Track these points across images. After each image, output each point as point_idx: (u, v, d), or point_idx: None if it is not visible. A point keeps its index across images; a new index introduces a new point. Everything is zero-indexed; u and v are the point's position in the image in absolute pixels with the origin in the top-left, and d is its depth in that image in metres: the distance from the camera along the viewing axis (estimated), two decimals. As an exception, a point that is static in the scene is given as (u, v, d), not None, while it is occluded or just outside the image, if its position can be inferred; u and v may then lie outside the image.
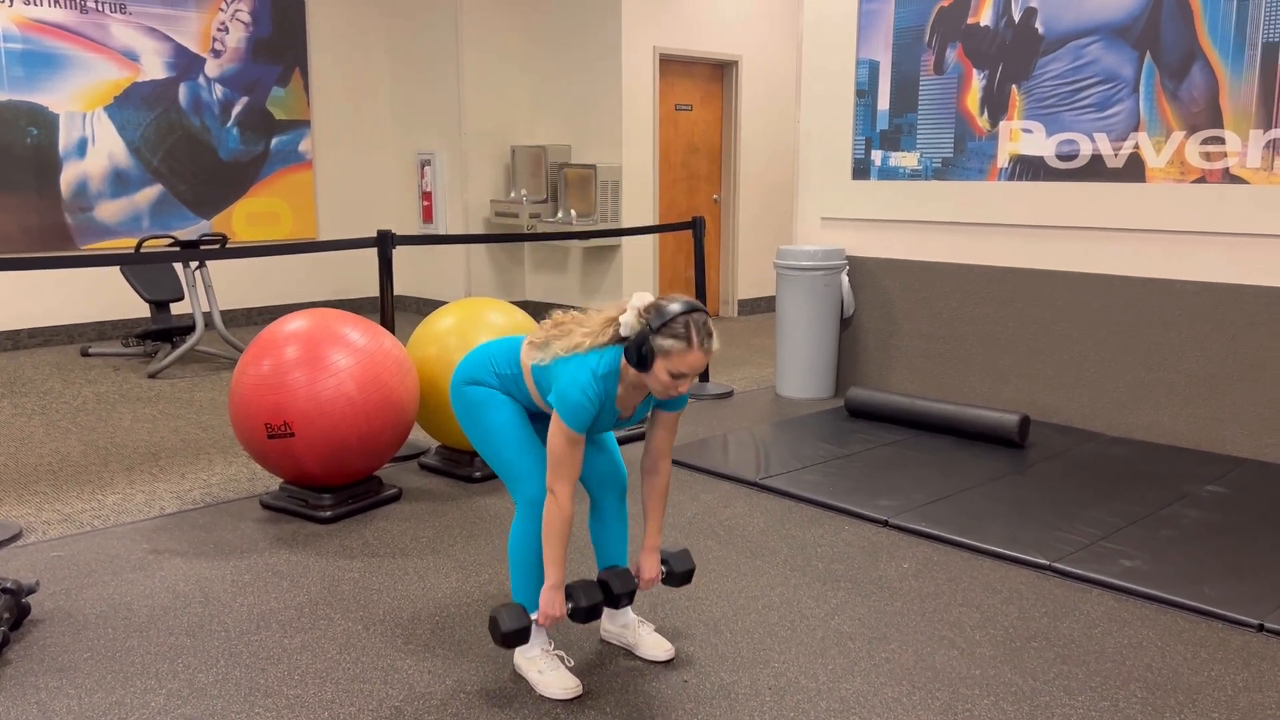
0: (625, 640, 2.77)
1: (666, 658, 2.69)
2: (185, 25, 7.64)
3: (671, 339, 2.28)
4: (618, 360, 2.38)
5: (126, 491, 4.09)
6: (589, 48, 7.83)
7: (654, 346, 2.28)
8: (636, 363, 2.32)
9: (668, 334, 2.28)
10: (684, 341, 2.28)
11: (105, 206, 7.42)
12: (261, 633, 2.85)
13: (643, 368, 2.31)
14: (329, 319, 3.81)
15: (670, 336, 2.28)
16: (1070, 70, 4.81)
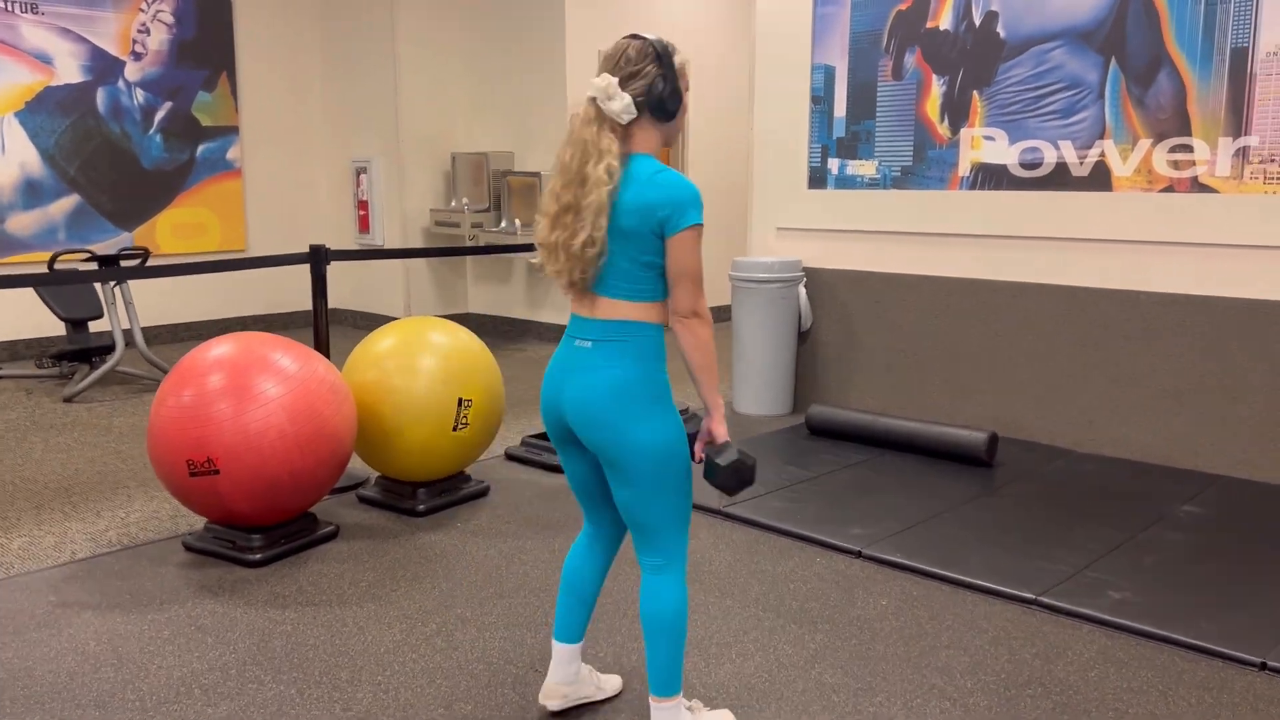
0: (583, 693, 2.53)
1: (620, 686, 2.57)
2: (102, 26, 7.22)
3: (678, 54, 2.21)
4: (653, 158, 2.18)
5: (34, 534, 3.74)
6: (530, 50, 7.56)
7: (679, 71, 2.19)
8: (673, 111, 2.18)
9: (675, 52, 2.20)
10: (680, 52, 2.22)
11: (17, 219, 6.97)
12: (181, 701, 2.55)
13: (676, 108, 2.18)
14: (256, 343, 3.51)
15: (677, 52, 2.21)
16: (1033, 76, 4.66)
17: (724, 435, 2.27)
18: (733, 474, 2.21)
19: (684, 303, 2.17)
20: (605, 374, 2.16)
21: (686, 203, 2.11)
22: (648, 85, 2.15)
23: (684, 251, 2.13)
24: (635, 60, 2.16)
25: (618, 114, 2.13)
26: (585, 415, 2.17)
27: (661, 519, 2.20)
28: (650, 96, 2.15)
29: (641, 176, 2.12)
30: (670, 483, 2.19)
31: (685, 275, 2.15)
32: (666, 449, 2.16)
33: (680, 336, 2.19)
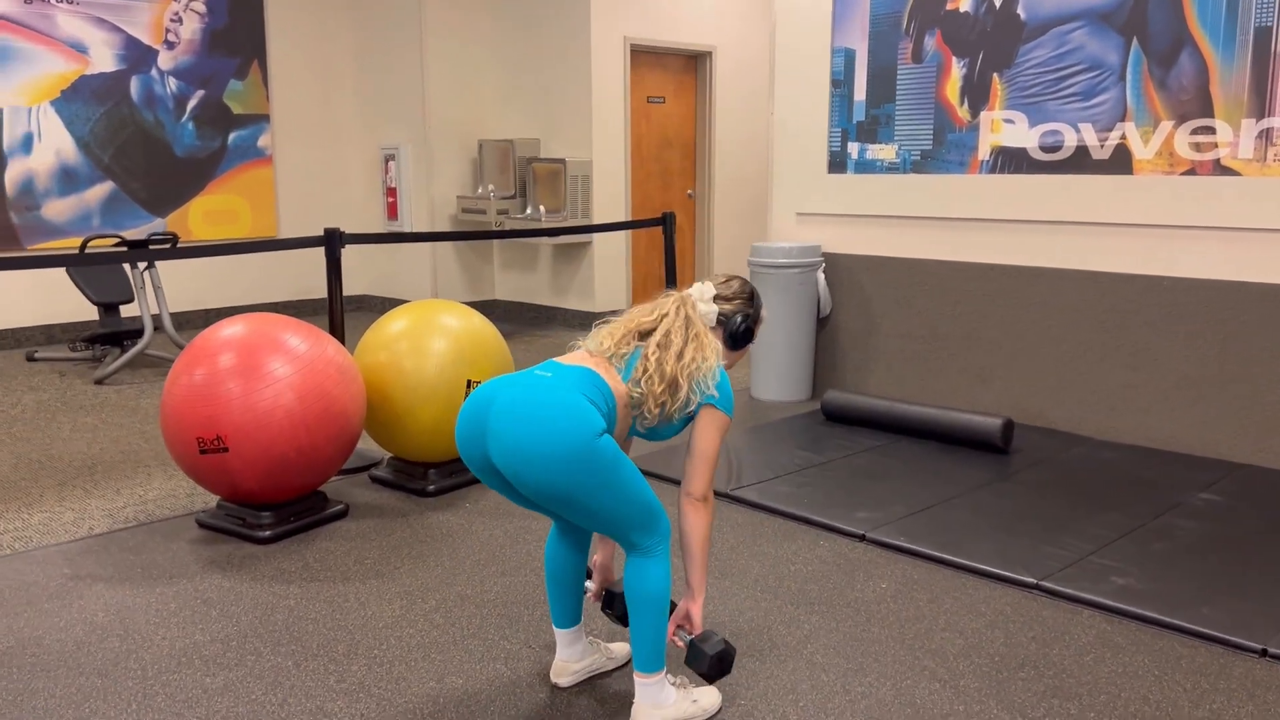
0: (594, 665, 2.56)
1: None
2: (136, 15, 7.34)
3: (763, 308, 2.52)
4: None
5: (55, 509, 3.83)
6: (557, 38, 7.58)
7: (759, 319, 2.48)
8: (742, 344, 2.46)
9: (761, 305, 2.50)
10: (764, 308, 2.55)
11: (53, 205, 7.12)
12: (182, 671, 2.60)
13: (743, 345, 2.47)
14: (268, 324, 3.56)
15: (762, 306, 2.51)
16: (1054, 58, 4.60)
17: (700, 620, 2.35)
18: (716, 663, 2.29)
19: (699, 486, 2.30)
20: (538, 392, 2.18)
21: (726, 393, 2.30)
22: (732, 312, 2.42)
23: (710, 432, 2.29)
24: (736, 292, 2.45)
25: (703, 315, 2.37)
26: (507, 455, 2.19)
27: (619, 512, 2.18)
28: (729, 321, 2.42)
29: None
30: (606, 479, 2.15)
31: (705, 457, 2.29)
32: (582, 447, 2.12)
33: (686, 517, 2.29)
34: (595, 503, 2.12)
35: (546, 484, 2.08)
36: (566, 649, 2.52)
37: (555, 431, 2.06)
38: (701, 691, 2.40)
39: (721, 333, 2.42)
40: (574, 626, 2.50)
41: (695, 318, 2.35)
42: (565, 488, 2.08)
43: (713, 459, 2.29)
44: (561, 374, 2.19)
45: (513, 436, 2.08)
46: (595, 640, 2.62)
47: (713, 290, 2.41)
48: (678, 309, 2.35)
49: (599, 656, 2.58)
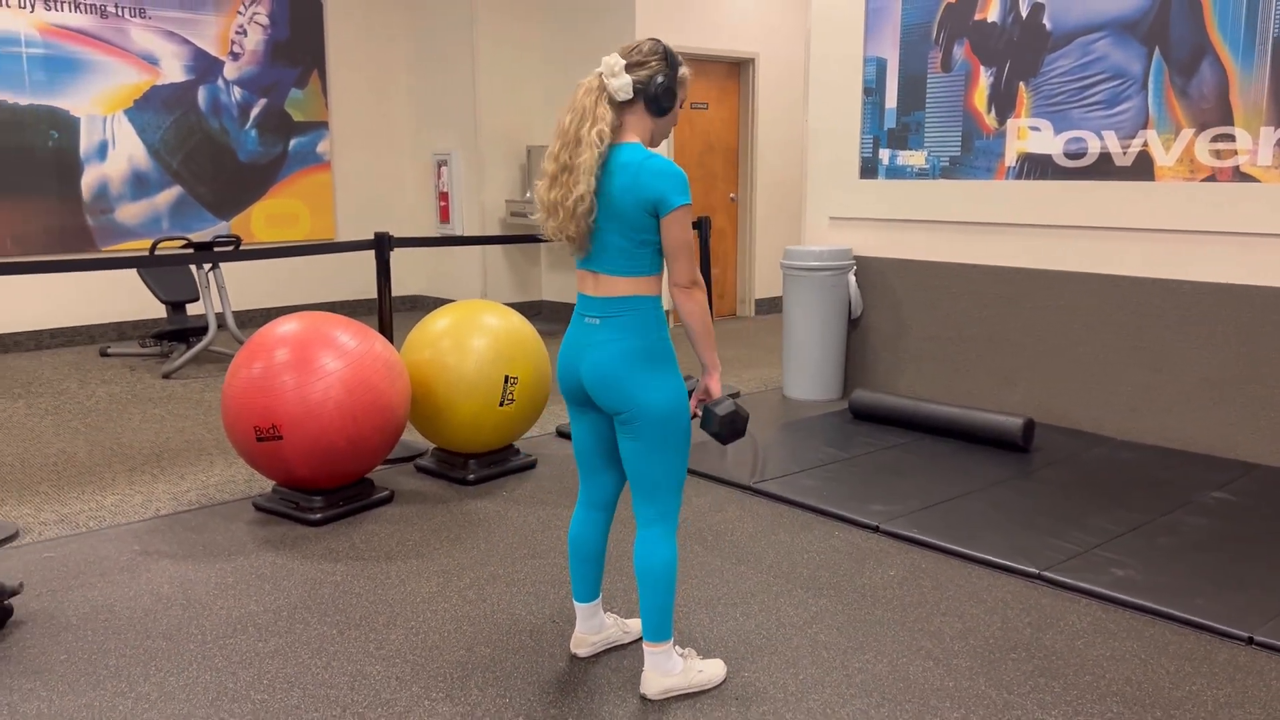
0: (610, 638, 2.77)
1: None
2: (204, 29, 7.72)
3: (684, 67, 2.44)
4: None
5: (125, 492, 4.14)
6: (602, 46, 7.81)
7: (680, 79, 2.41)
8: (665, 108, 2.39)
9: (680, 63, 2.42)
10: (685, 65, 2.45)
11: (126, 208, 7.52)
12: (237, 636, 2.86)
13: (668, 108, 2.40)
14: (321, 322, 3.83)
15: (682, 64, 2.43)
16: (1078, 67, 4.71)
17: (719, 392, 2.48)
18: (728, 422, 2.43)
19: (682, 274, 2.38)
20: (615, 346, 2.38)
21: (675, 185, 2.32)
22: (649, 76, 2.37)
23: (677, 229, 2.35)
24: (645, 54, 2.39)
25: (615, 90, 2.34)
26: (601, 382, 2.40)
27: (661, 474, 2.42)
28: (648, 87, 2.36)
29: (632, 162, 2.33)
30: (672, 441, 2.40)
31: (680, 250, 2.37)
32: (670, 409, 2.38)
33: (680, 304, 2.41)
34: (659, 453, 2.40)
35: (633, 422, 2.38)
36: (585, 622, 2.73)
37: (659, 396, 2.38)
38: (706, 663, 2.60)
39: (642, 103, 2.38)
40: (593, 601, 2.71)
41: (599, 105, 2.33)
42: (643, 431, 2.38)
43: (688, 246, 2.36)
44: (609, 320, 2.41)
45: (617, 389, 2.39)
46: (614, 616, 2.82)
47: (621, 61, 2.36)
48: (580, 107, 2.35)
49: (616, 630, 2.78)
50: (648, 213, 2.33)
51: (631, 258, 2.38)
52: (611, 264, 2.39)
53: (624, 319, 2.39)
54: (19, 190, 7.05)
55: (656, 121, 2.43)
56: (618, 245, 2.37)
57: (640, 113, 2.40)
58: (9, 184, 7.01)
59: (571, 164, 2.35)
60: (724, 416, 2.42)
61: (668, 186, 2.31)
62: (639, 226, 2.35)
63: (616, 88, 2.34)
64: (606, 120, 2.34)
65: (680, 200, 2.32)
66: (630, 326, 2.38)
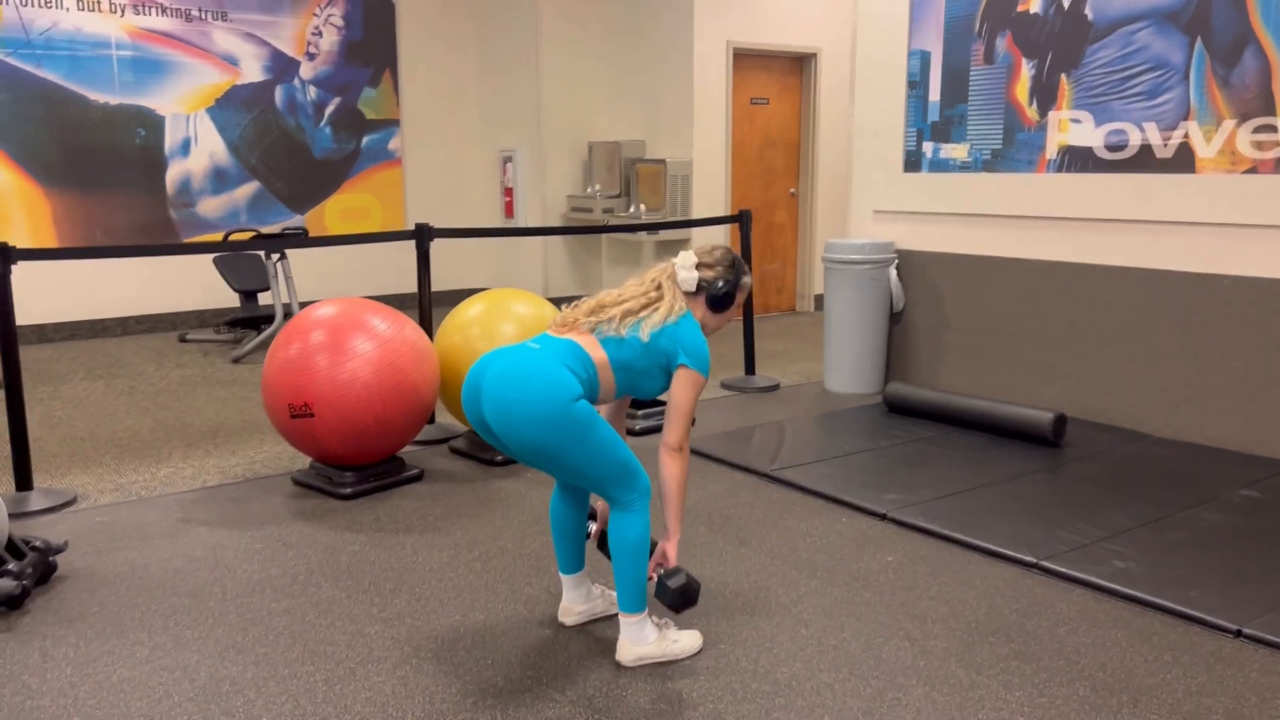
0: (596, 609, 2.88)
1: None
2: (282, 30, 8.07)
3: (747, 277, 2.76)
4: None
5: (179, 465, 4.41)
6: (662, 43, 7.92)
7: (741, 286, 2.71)
8: (721, 308, 2.70)
9: (745, 271, 2.74)
10: (749, 277, 2.78)
11: (206, 202, 7.91)
12: (253, 596, 3.06)
13: (724, 308, 2.71)
14: (357, 307, 4.03)
15: (747, 275, 2.75)
16: (1119, 58, 4.65)
17: (674, 559, 2.64)
18: (679, 595, 2.58)
19: (674, 437, 2.56)
20: (524, 363, 2.49)
21: (699, 354, 2.56)
22: (714, 278, 2.68)
23: (684, 389, 2.56)
24: (718, 260, 2.70)
25: (682, 281, 2.65)
26: (494, 401, 2.51)
27: (596, 468, 2.49)
28: (711, 287, 2.67)
29: (680, 323, 2.58)
30: (578, 437, 2.44)
31: (679, 411, 2.55)
32: (555, 409, 2.42)
33: (663, 465, 2.56)
34: (573, 459, 2.44)
35: (529, 440, 2.42)
36: (571, 592, 2.85)
37: (535, 396, 2.39)
38: (681, 634, 2.70)
39: (704, 297, 2.68)
40: (577, 573, 2.83)
41: (668, 284, 2.63)
42: (545, 444, 2.42)
43: (686, 412, 2.55)
44: (548, 345, 2.52)
45: (501, 399, 2.43)
46: (603, 588, 2.94)
47: (694, 259, 2.68)
48: (653, 281, 2.65)
49: (601, 601, 2.90)
50: (662, 362, 2.60)
51: (627, 368, 2.60)
52: (611, 349, 2.61)
53: (566, 356, 2.55)
54: (108, 185, 7.49)
55: (710, 316, 2.72)
56: (626, 357, 2.58)
57: (698, 304, 2.68)
58: (100, 179, 7.45)
59: (633, 311, 2.61)
60: (675, 590, 2.57)
61: (693, 351, 2.57)
62: (648, 362, 2.59)
63: (684, 279, 2.65)
64: (670, 293, 2.63)
65: (696, 367, 2.55)
66: (561, 363, 2.52)
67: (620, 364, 2.58)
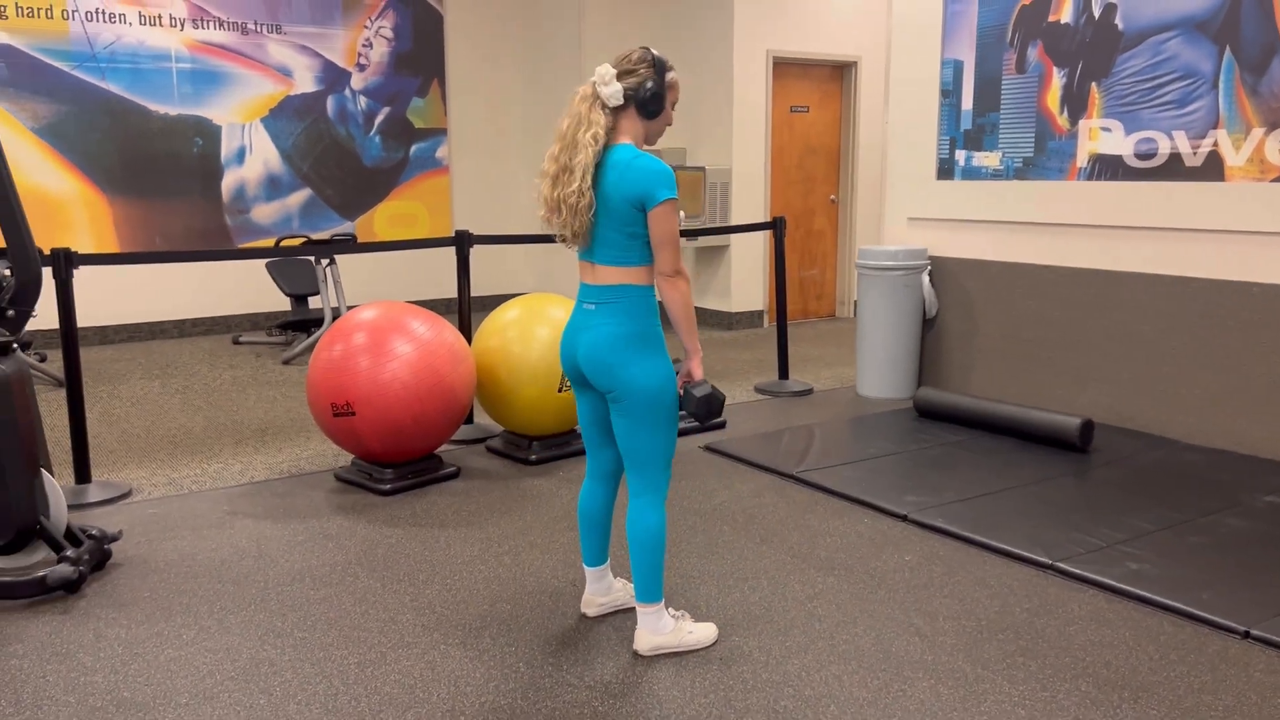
0: (617, 601, 3.00)
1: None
2: (333, 42, 8.32)
3: (672, 70, 2.64)
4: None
5: (228, 461, 4.61)
6: (702, 53, 8.04)
7: (669, 83, 2.62)
8: (654, 111, 2.61)
9: (669, 68, 2.63)
10: (674, 70, 2.65)
11: (260, 209, 8.17)
12: (294, 585, 3.23)
13: (657, 111, 2.61)
14: (398, 311, 4.19)
15: (671, 69, 2.64)
16: (1149, 67, 4.68)
17: (700, 374, 2.69)
18: (704, 403, 2.64)
19: (666, 264, 2.61)
20: (606, 330, 2.63)
21: (660, 182, 2.53)
22: (638, 83, 2.60)
23: (662, 221, 2.57)
24: (635, 62, 2.61)
25: (607, 97, 2.58)
26: (593, 362, 2.64)
27: (649, 449, 2.64)
28: (638, 93, 2.59)
29: (622, 161, 2.56)
30: (658, 419, 2.62)
31: (665, 241, 2.59)
32: (655, 389, 2.60)
33: (664, 292, 2.63)
34: (643, 429, 2.62)
35: (622, 398, 2.60)
36: (594, 584, 2.98)
37: (648, 372, 2.60)
38: (697, 625, 2.80)
39: (634, 107, 2.60)
40: (600, 565, 2.95)
41: (594, 111, 2.57)
42: (632, 408, 2.59)
43: (673, 238, 2.57)
44: (603, 308, 2.64)
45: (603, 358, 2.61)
46: (624, 581, 3.06)
47: (612, 70, 2.58)
48: (576, 114, 2.59)
49: (624, 594, 3.01)
50: (635, 207, 2.56)
51: (623, 249, 2.61)
52: (606, 255, 2.62)
53: (616, 305, 2.62)
54: (167, 192, 7.78)
55: (648, 124, 2.65)
56: (611, 238, 2.61)
57: (632, 116, 2.63)
58: (158, 187, 7.74)
59: (570, 164, 2.60)
60: (700, 398, 2.63)
61: (654, 182, 2.54)
62: (628, 220, 2.58)
63: (608, 95, 2.58)
64: (600, 124, 2.58)
65: (665, 195, 2.54)
66: (621, 312, 2.62)
67: (623, 254, 2.60)
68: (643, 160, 2.56)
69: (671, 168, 7.92)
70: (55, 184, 7.36)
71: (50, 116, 7.30)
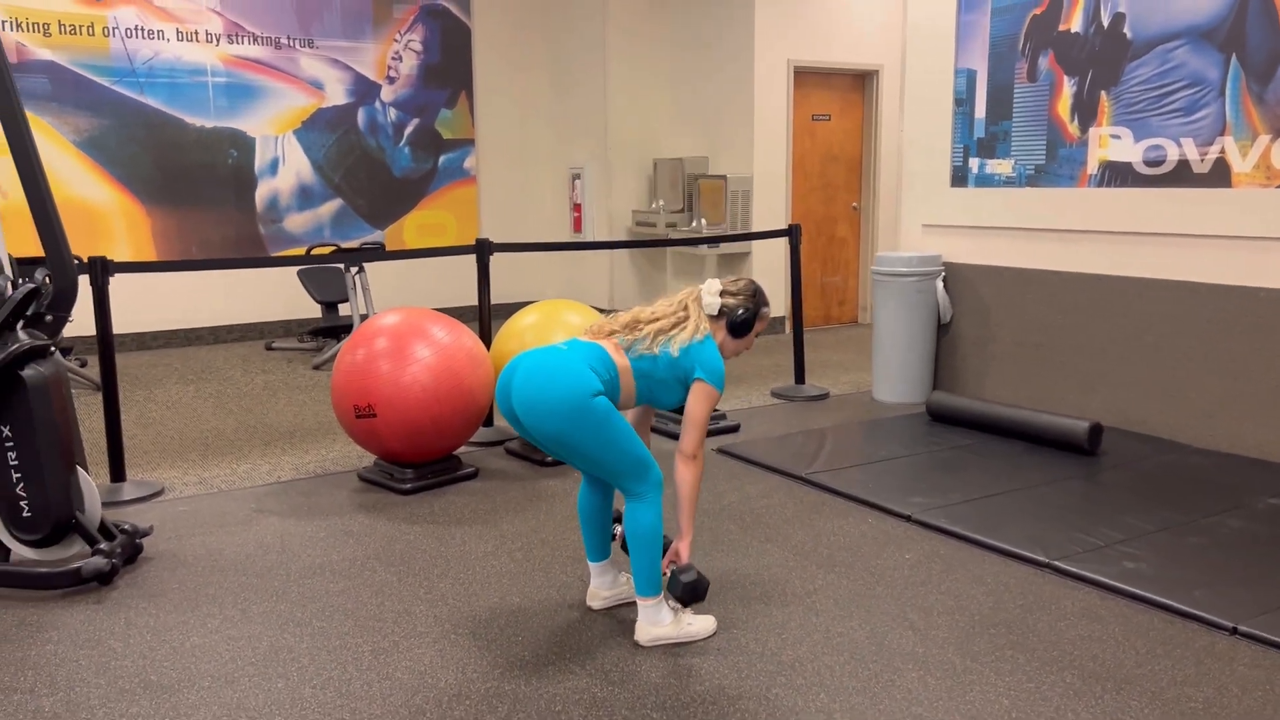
0: (621, 595, 3.11)
1: None
2: (364, 55, 8.52)
3: (767, 307, 3.01)
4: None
5: (257, 462, 4.78)
6: (724, 63, 8.16)
7: (761, 316, 2.97)
8: (740, 334, 2.95)
9: (765, 303, 2.99)
10: (769, 308, 3.03)
11: (293, 218, 8.39)
12: (314, 578, 3.37)
13: (743, 334, 2.95)
14: (419, 317, 4.34)
15: (767, 305, 3.01)
16: (1157, 75, 4.74)
17: (687, 557, 2.87)
18: (689, 589, 2.83)
19: (688, 445, 2.81)
20: (556, 384, 2.73)
21: (715, 372, 2.80)
22: (735, 305, 2.94)
23: (699, 402, 2.80)
24: (742, 290, 2.97)
25: (706, 306, 2.92)
26: (525, 408, 2.77)
27: (614, 460, 2.74)
28: (731, 314, 2.93)
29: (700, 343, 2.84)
30: (598, 430, 2.70)
31: (693, 422, 2.80)
32: (577, 402, 2.68)
33: (677, 470, 2.82)
34: (591, 449, 2.69)
35: (552, 431, 2.67)
36: (597, 579, 3.09)
37: (558, 390, 2.65)
38: (696, 618, 2.91)
39: (725, 322, 2.93)
40: (603, 560, 3.07)
41: (693, 307, 2.89)
42: (566, 435, 2.67)
43: (701, 423, 2.79)
44: (575, 348, 2.78)
45: (528, 393, 2.69)
46: (628, 575, 3.16)
47: (719, 286, 2.95)
48: (681, 302, 2.90)
49: (626, 588, 3.13)
50: (680, 375, 2.84)
51: (648, 377, 2.87)
52: (636, 362, 2.87)
53: (591, 371, 2.79)
54: (202, 202, 8.01)
55: (731, 340, 2.97)
56: (649, 369, 2.85)
57: (720, 329, 2.94)
58: (195, 197, 7.98)
59: (665, 329, 2.88)
60: (686, 584, 2.83)
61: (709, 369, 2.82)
62: (667, 375, 2.84)
63: (707, 304, 2.92)
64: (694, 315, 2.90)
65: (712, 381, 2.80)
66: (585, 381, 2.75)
67: (642, 373, 2.82)
68: (712, 350, 2.84)
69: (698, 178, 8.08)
70: (96, 195, 7.62)
71: (91, 130, 7.55)
